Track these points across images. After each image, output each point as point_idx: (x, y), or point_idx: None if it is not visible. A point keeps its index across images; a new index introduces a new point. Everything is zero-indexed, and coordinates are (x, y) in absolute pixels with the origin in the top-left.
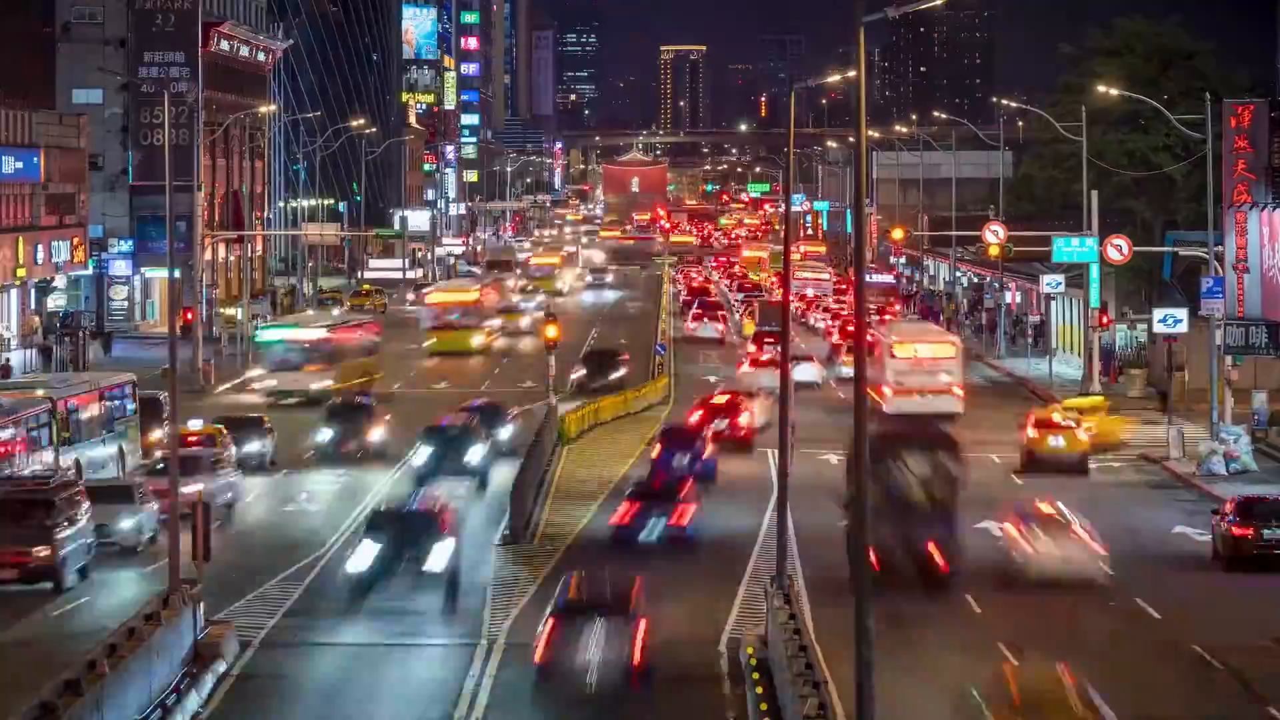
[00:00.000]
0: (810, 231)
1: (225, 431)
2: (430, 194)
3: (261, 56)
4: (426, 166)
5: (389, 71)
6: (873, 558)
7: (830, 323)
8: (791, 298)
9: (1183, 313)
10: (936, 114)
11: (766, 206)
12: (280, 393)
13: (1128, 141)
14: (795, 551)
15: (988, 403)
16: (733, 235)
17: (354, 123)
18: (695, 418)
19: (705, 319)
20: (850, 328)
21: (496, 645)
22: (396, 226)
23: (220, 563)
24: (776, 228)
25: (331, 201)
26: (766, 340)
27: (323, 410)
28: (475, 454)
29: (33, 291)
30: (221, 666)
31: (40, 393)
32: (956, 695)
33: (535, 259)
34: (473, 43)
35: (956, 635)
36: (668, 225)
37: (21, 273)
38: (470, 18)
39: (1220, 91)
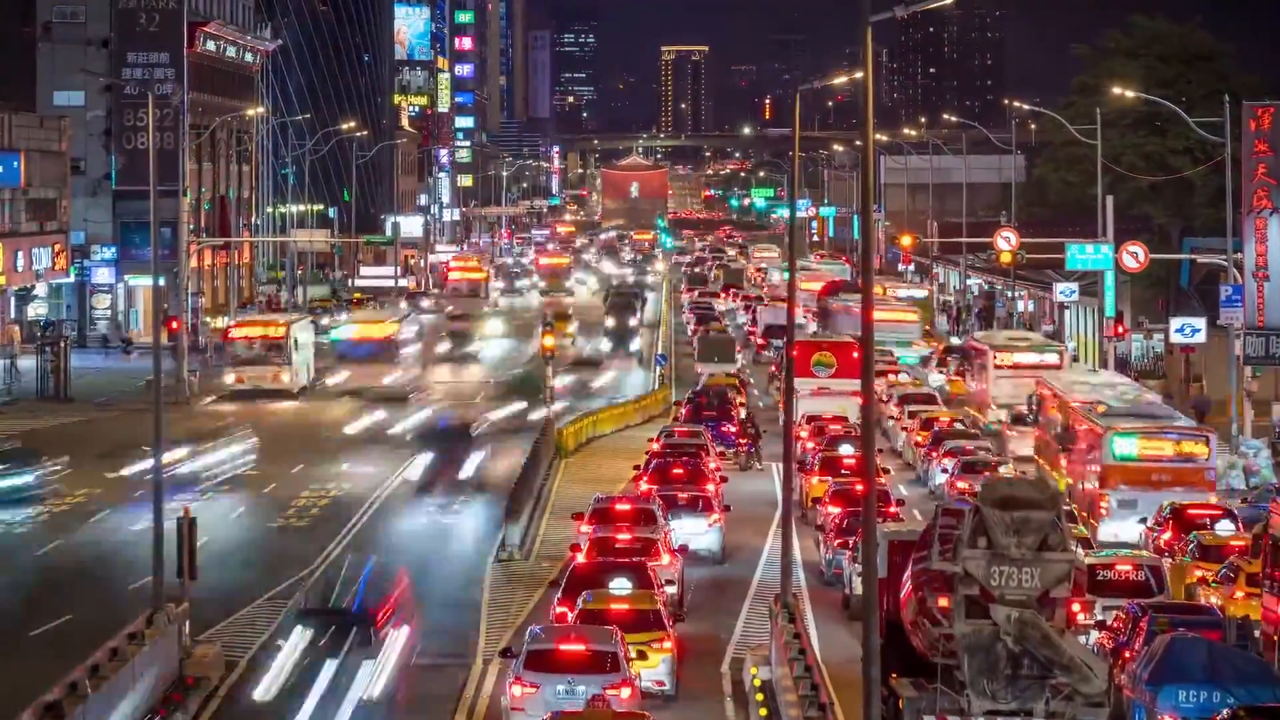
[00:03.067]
0: (816, 238)
1: None
2: (423, 199)
3: (249, 57)
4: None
5: (381, 73)
6: None
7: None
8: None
9: (1200, 322)
10: (946, 116)
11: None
12: None
13: (1145, 144)
14: (800, 569)
15: None
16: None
17: (344, 125)
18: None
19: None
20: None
21: (492, 665)
22: (388, 233)
23: (206, 581)
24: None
25: (321, 207)
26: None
27: None
28: None
29: (12, 300)
30: (208, 687)
31: None
32: None
33: None
34: (467, 43)
35: None
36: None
37: (1, 280)
38: (465, 17)
39: (1242, 94)
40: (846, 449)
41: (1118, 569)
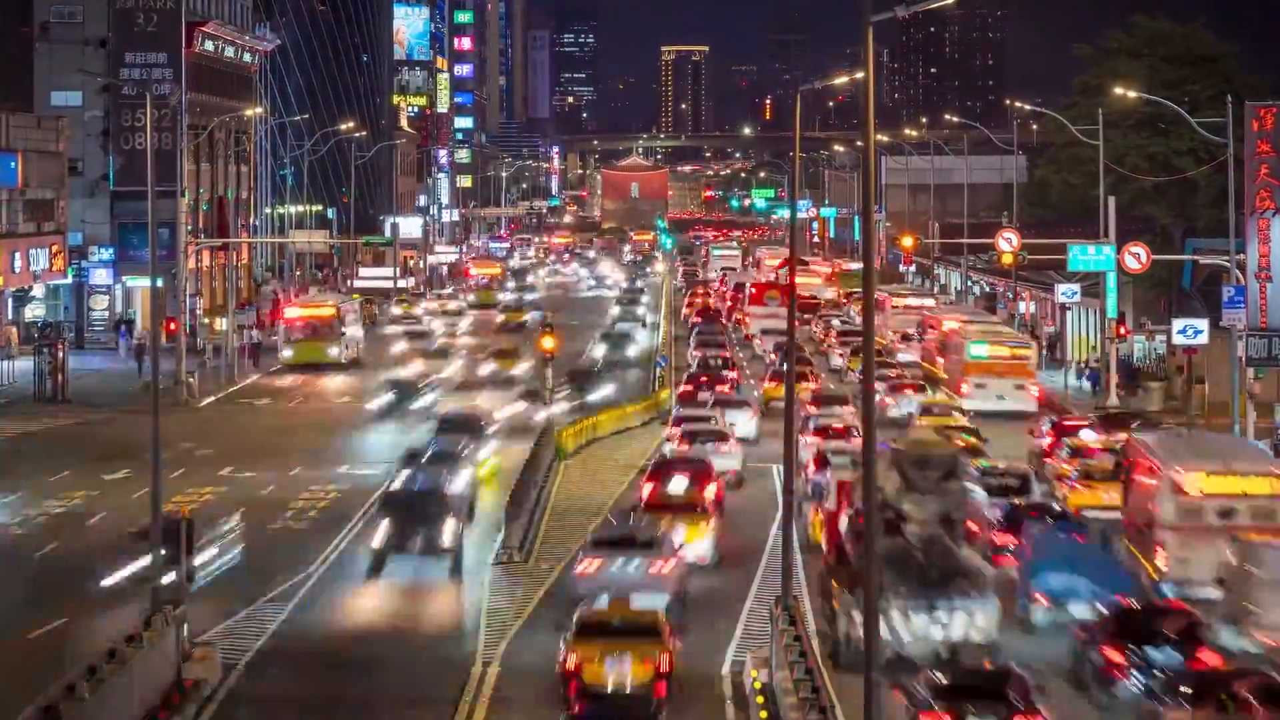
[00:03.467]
0: (817, 239)
1: None
2: (423, 200)
3: (247, 57)
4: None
5: (380, 73)
6: None
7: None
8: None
9: (1203, 323)
10: (948, 117)
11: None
12: None
13: (1148, 145)
14: (801, 571)
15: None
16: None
17: (343, 126)
18: None
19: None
20: None
21: (491, 667)
22: (387, 234)
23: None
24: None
25: (320, 207)
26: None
27: None
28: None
29: (10, 301)
30: (205, 691)
31: None
32: None
33: None
34: (466, 43)
35: None
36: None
37: None
38: (464, 17)
39: (1245, 94)
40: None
41: (1000, 476)
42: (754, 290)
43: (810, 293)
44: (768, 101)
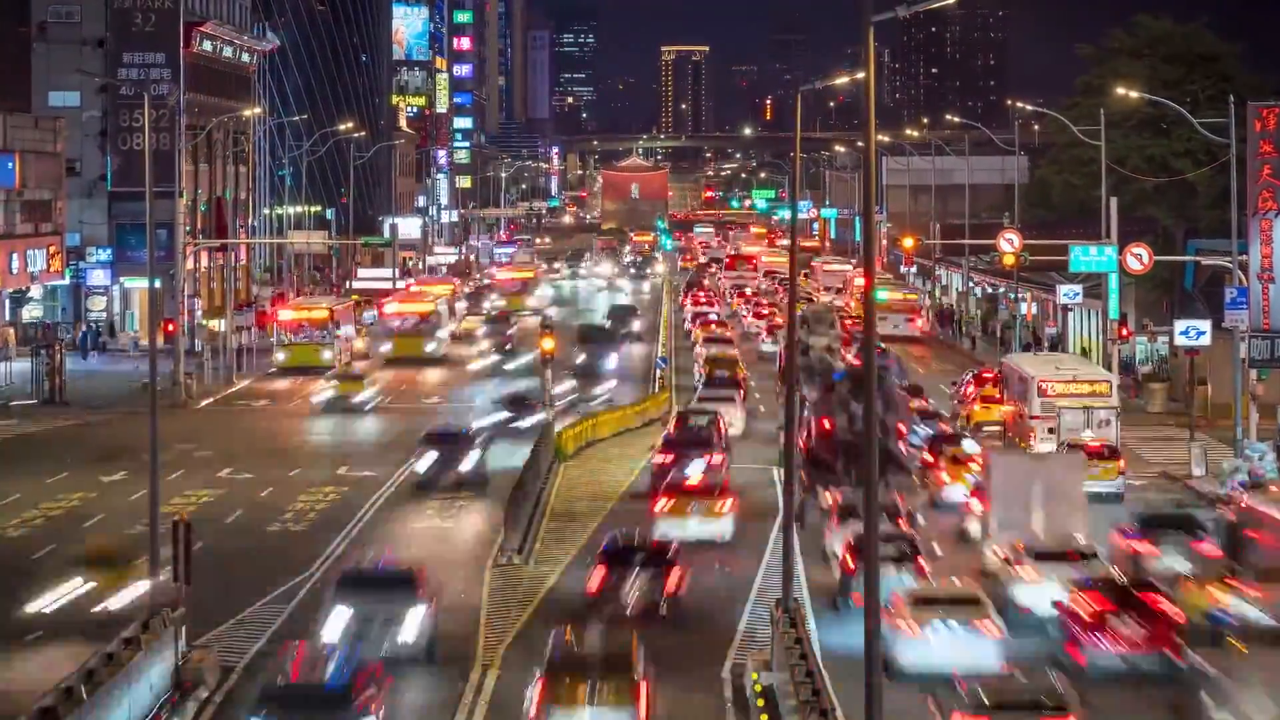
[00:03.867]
0: (818, 238)
1: None
2: (422, 200)
3: (246, 57)
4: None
5: (379, 73)
6: None
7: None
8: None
9: (1205, 324)
10: (949, 117)
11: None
12: None
13: (1149, 146)
14: (802, 573)
15: None
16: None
17: (342, 126)
18: None
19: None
20: None
21: (490, 670)
22: (386, 234)
23: (203, 585)
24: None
25: (319, 208)
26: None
27: None
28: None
29: (7, 302)
30: (204, 693)
31: None
32: None
33: None
34: (466, 43)
35: None
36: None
37: None
38: (463, 17)
39: (1247, 95)
40: (759, 297)
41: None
42: (728, 260)
43: (779, 268)
44: (768, 101)
